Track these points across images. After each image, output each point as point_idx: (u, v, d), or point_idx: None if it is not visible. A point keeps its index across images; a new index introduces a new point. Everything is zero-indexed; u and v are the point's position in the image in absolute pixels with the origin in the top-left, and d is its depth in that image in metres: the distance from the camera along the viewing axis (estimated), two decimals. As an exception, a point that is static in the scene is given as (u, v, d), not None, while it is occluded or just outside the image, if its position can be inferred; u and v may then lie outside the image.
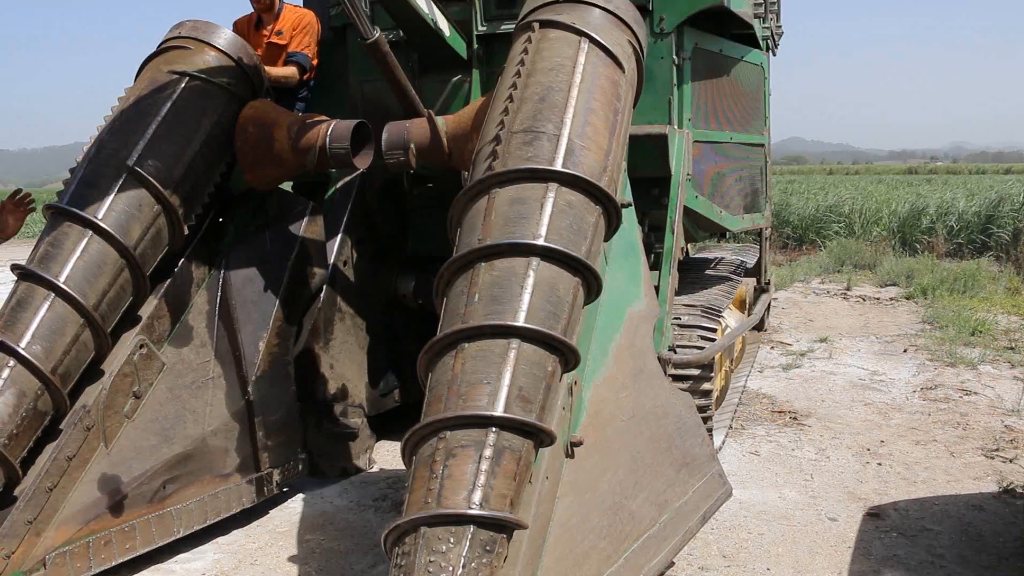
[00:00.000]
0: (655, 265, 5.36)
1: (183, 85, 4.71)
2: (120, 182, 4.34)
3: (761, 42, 7.36)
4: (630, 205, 4.33)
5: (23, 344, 3.90)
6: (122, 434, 4.26)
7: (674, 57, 5.74)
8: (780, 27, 8.69)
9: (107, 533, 4.17)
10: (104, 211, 4.25)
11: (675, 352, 5.21)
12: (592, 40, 4.00)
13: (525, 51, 3.98)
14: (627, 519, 3.80)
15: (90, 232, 4.21)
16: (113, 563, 4.21)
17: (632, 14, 4.34)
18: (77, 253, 4.16)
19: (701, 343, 5.49)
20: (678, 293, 5.93)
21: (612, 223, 3.67)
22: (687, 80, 5.91)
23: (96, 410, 4.15)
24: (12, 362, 3.87)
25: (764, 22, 7.53)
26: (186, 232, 4.62)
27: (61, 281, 4.06)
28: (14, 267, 4.20)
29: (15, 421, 3.82)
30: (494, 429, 2.93)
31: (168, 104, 4.62)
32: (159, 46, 4.98)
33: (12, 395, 3.83)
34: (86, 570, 4.08)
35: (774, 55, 8.56)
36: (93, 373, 4.23)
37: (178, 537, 4.50)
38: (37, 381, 3.90)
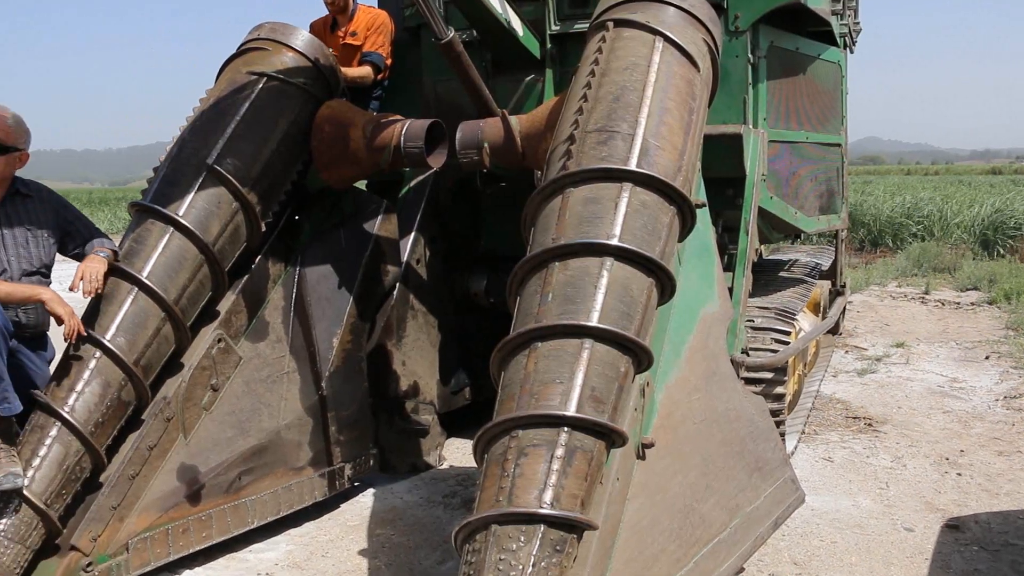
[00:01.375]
0: (729, 266, 5.30)
1: (261, 85, 4.80)
2: (200, 180, 4.44)
3: (839, 39, 7.21)
4: (704, 205, 4.29)
5: (108, 336, 4.03)
6: (200, 425, 4.37)
7: (749, 56, 5.66)
8: (858, 23, 8.50)
9: (185, 521, 4.28)
10: (185, 208, 4.36)
11: (748, 355, 5.14)
12: (667, 39, 3.97)
13: (599, 50, 3.97)
14: (697, 522, 3.76)
15: (171, 229, 4.32)
16: (190, 550, 4.32)
17: (707, 12, 4.29)
18: (159, 249, 4.28)
19: (775, 346, 5.41)
20: (752, 295, 5.85)
21: (686, 223, 3.65)
22: (762, 79, 5.82)
23: (176, 402, 4.26)
24: (98, 353, 4.00)
25: (842, 19, 7.38)
26: (263, 229, 4.71)
27: (144, 276, 4.17)
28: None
29: (100, 410, 3.94)
30: (566, 429, 2.93)
31: (247, 104, 4.72)
32: (239, 48, 5.09)
33: (98, 385, 3.96)
34: (165, 556, 4.20)
35: (852, 52, 8.38)
36: (173, 366, 4.35)
37: (252, 527, 4.60)
38: (121, 372, 4.03)
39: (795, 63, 6.33)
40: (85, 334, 3.95)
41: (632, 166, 3.46)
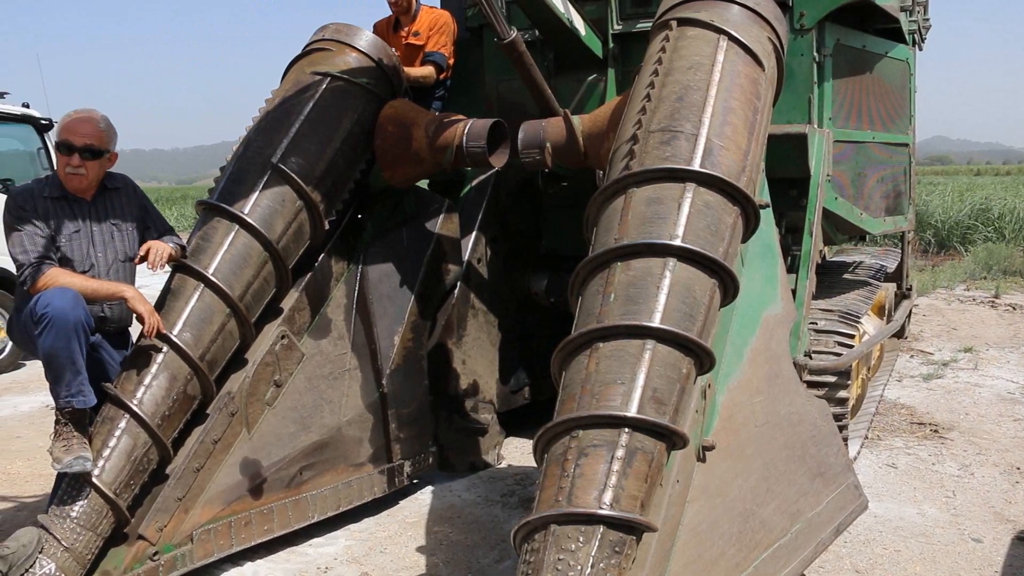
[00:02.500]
0: (792, 268, 5.22)
1: (325, 85, 4.86)
2: (265, 179, 4.52)
3: (907, 36, 7.06)
4: (768, 206, 4.24)
5: (175, 331, 4.12)
6: (263, 421, 4.44)
7: (815, 54, 5.57)
8: (928, 20, 8.30)
9: (248, 514, 4.36)
10: (250, 207, 4.43)
11: (811, 358, 5.07)
12: (731, 38, 3.93)
13: (663, 49, 3.94)
14: (758, 527, 3.72)
15: (237, 226, 4.40)
16: (252, 543, 4.40)
17: (772, 10, 4.24)
18: (225, 246, 4.36)
19: (838, 349, 5.32)
20: (815, 297, 5.77)
21: (750, 224, 3.60)
22: (828, 78, 5.73)
23: (240, 397, 4.34)
24: (165, 348, 4.09)
25: (911, 15, 7.21)
26: (326, 227, 4.77)
27: (210, 273, 4.26)
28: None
29: (167, 403, 4.03)
30: (627, 430, 2.92)
31: (311, 104, 4.78)
32: (304, 48, 5.17)
33: (165, 379, 4.05)
34: (228, 548, 4.28)
35: (920, 50, 8.20)
36: (237, 361, 4.43)
37: (313, 522, 4.67)
38: (187, 367, 4.11)
39: (862, 61, 6.22)
40: (164, 332, 4.04)
41: (696, 166, 3.43)
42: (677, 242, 3.24)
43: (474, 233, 5.74)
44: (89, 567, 3.77)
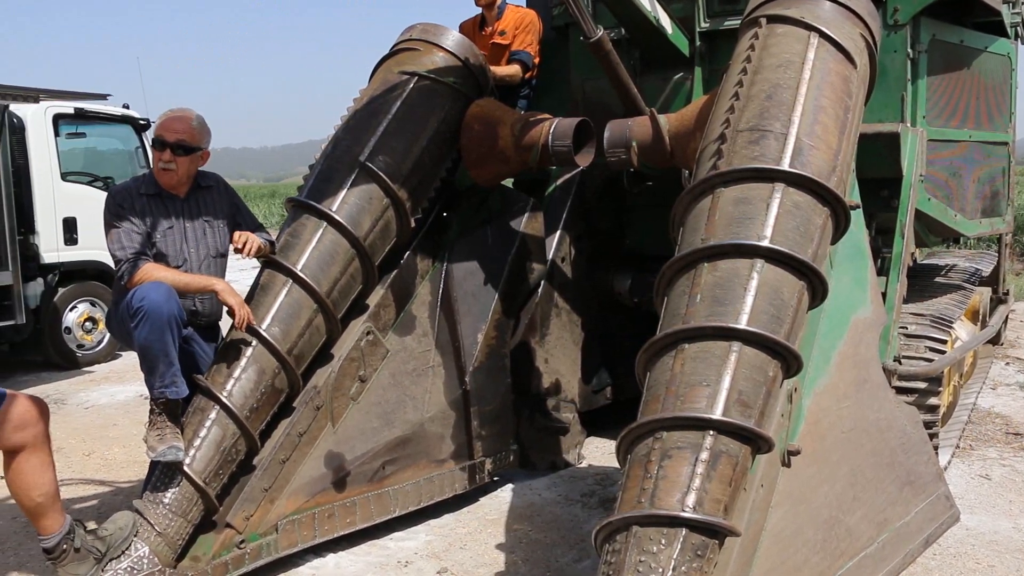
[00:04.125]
0: (882, 270, 5.10)
1: (413, 85, 4.92)
2: (353, 177, 4.59)
3: (1009, 30, 6.81)
4: (858, 207, 4.15)
5: (264, 326, 4.21)
6: (348, 415, 4.51)
7: (908, 50, 5.43)
8: (1033, 12, 8.00)
9: (331, 507, 4.44)
10: (338, 204, 4.51)
11: (901, 363, 4.95)
12: (822, 35, 3.86)
13: (752, 47, 3.89)
14: (843, 535, 3.66)
15: (325, 223, 4.48)
16: (335, 535, 4.48)
17: (865, 6, 4.14)
18: (313, 243, 4.44)
19: (929, 355, 5.18)
20: (906, 301, 5.61)
21: (840, 225, 3.54)
22: (922, 74, 5.57)
23: (325, 391, 4.42)
24: (254, 342, 4.19)
25: (1013, 8, 6.95)
26: (412, 225, 4.82)
27: (298, 269, 4.34)
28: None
29: (255, 396, 4.13)
30: (712, 432, 2.90)
31: (398, 103, 4.84)
32: (392, 48, 5.24)
33: (254, 372, 4.15)
34: (311, 539, 4.37)
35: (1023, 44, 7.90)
36: (324, 356, 4.51)
37: (394, 516, 4.72)
38: (275, 361, 4.21)
39: (959, 57, 6.03)
40: (254, 324, 4.15)
41: (785, 166, 3.38)
42: (765, 243, 3.20)
43: (558, 232, 5.74)
44: (180, 552, 3.90)
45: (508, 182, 5.79)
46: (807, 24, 3.88)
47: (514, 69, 5.85)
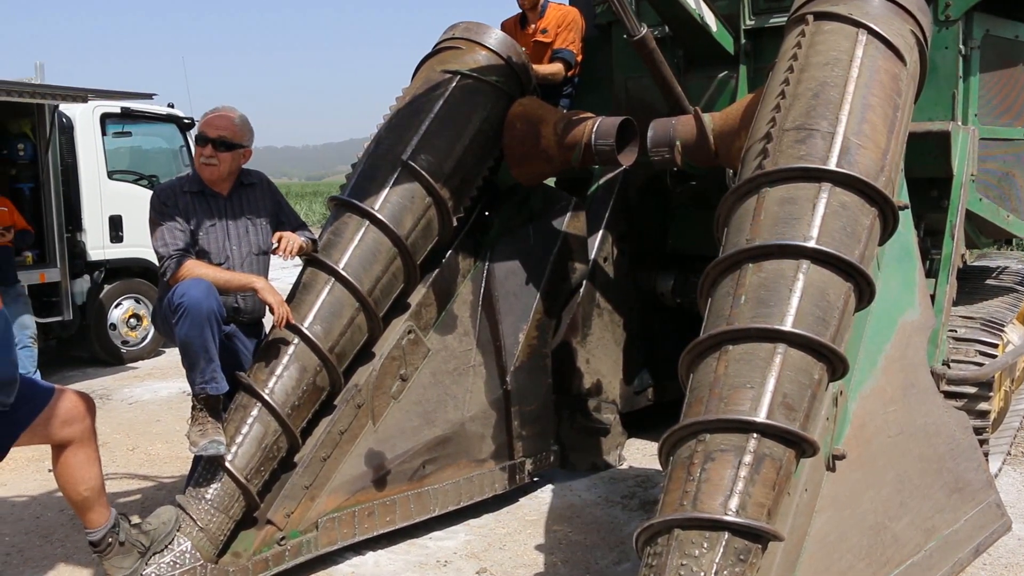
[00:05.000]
0: (931, 272, 5.01)
1: (455, 83, 4.91)
2: (395, 176, 4.60)
3: (1067, 24, 6.64)
4: (907, 207, 4.07)
5: (306, 324, 4.23)
6: (388, 413, 4.52)
7: (960, 47, 5.31)
8: (1095, 5, 7.78)
9: (371, 505, 4.45)
10: (380, 203, 4.52)
11: (950, 367, 4.85)
12: (871, 31, 3.79)
13: (798, 45, 3.84)
14: (889, 542, 3.60)
15: (367, 222, 4.49)
16: (374, 533, 4.49)
17: (916, 1, 4.06)
18: (355, 242, 4.46)
19: (979, 359, 5.07)
20: (956, 304, 5.51)
21: (888, 226, 3.47)
22: (975, 71, 5.45)
23: (366, 389, 4.43)
24: (296, 340, 4.21)
25: (1073, 0, 6.78)
26: (454, 224, 4.82)
27: (340, 267, 4.36)
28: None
29: (297, 394, 4.15)
30: (755, 435, 2.86)
31: (440, 102, 4.84)
32: (434, 47, 5.24)
33: (295, 370, 4.17)
34: (351, 536, 4.38)
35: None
36: (365, 355, 4.52)
37: (434, 515, 4.72)
38: (316, 359, 4.23)
39: (1014, 52, 5.89)
40: (294, 322, 4.17)
41: (832, 165, 3.33)
42: (811, 244, 3.15)
43: (601, 231, 5.71)
44: (221, 547, 3.93)
45: (550, 181, 5.77)
46: (855, 21, 3.81)
47: (556, 67, 5.82)
